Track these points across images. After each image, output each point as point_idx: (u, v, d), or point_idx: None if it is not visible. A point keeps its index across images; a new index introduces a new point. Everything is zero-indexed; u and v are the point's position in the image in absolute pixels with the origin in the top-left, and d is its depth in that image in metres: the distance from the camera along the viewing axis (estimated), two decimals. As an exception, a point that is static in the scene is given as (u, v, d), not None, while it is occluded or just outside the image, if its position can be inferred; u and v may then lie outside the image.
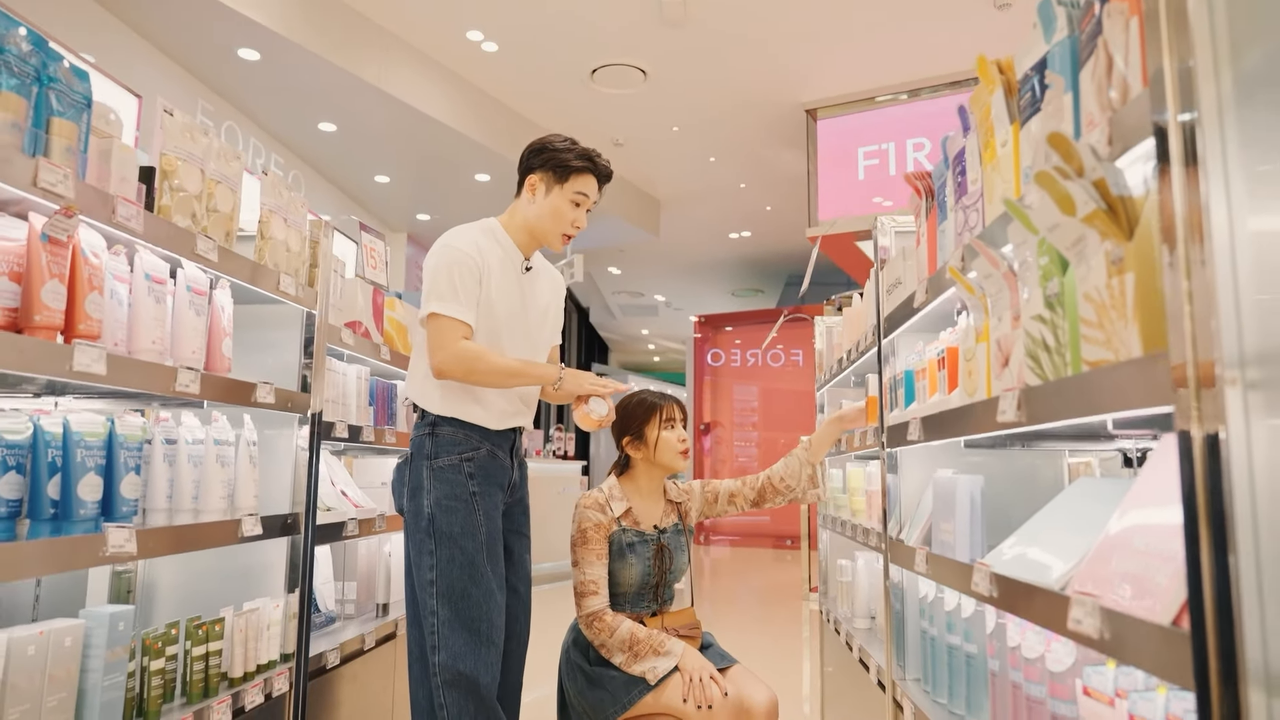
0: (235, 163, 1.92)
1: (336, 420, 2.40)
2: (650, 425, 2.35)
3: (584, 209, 2.13)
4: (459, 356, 1.95)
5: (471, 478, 2.01)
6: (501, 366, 1.98)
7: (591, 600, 2.20)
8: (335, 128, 7.24)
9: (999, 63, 1.32)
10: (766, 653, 4.97)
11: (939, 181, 1.71)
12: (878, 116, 7.82)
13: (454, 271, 1.98)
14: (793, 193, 9.61)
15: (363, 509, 2.65)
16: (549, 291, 2.25)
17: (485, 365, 1.96)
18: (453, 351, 1.95)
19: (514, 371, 2.00)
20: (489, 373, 1.97)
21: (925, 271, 1.78)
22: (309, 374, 2.25)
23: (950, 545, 1.64)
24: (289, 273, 2.15)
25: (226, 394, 1.84)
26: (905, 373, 2.02)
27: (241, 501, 1.97)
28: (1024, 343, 1.21)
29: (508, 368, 1.99)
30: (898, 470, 2.10)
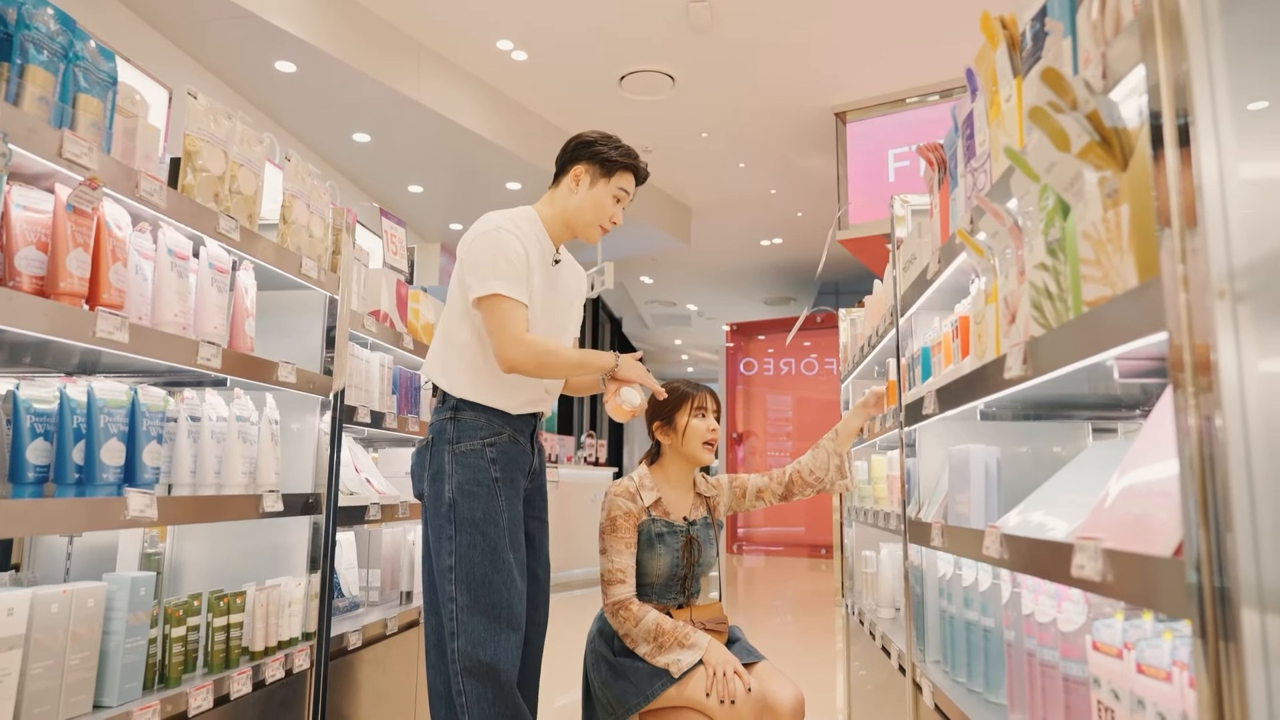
0: (258, 147, 1.97)
1: (359, 405, 2.44)
2: (681, 412, 2.33)
3: (622, 205, 2.16)
4: (532, 350, 1.94)
5: (494, 463, 2.00)
6: (570, 359, 2.00)
7: (618, 589, 2.19)
8: (369, 138, 7.39)
9: (1002, 18, 1.31)
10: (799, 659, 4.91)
11: (950, 150, 1.70)
12: (908, 118, 7.77)
13: (511, 254, 1.97)
14: (824, 198, 9.56)
15: (386, 495, 2.68)
16: (573, 284, 2.26)
17: (557, 359, 1.97)
18: (525, 344, 1.94)
19: (580, 362, 2.02)
20: (560, 365, 1.99)
21: (939, 242, 1.76)
22: (331, 358, 2.29)
23: (965, 516, 1.62)
24: (311, 257, 2.20)
25: (248, 370, 1.88)
26: (922, 350, 2.00)
27: (263, 478, 2.01)
28: (1029, 295, 1.19)
29: (575, 359, 2.00)
30: (917, 450, 2.08)
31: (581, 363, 2.01)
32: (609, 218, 2.13)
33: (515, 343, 1.92)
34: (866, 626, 2.68)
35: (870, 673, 2.60)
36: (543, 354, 1.94)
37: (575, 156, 2.15)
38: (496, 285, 1.94)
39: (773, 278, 13.65)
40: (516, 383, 2.05)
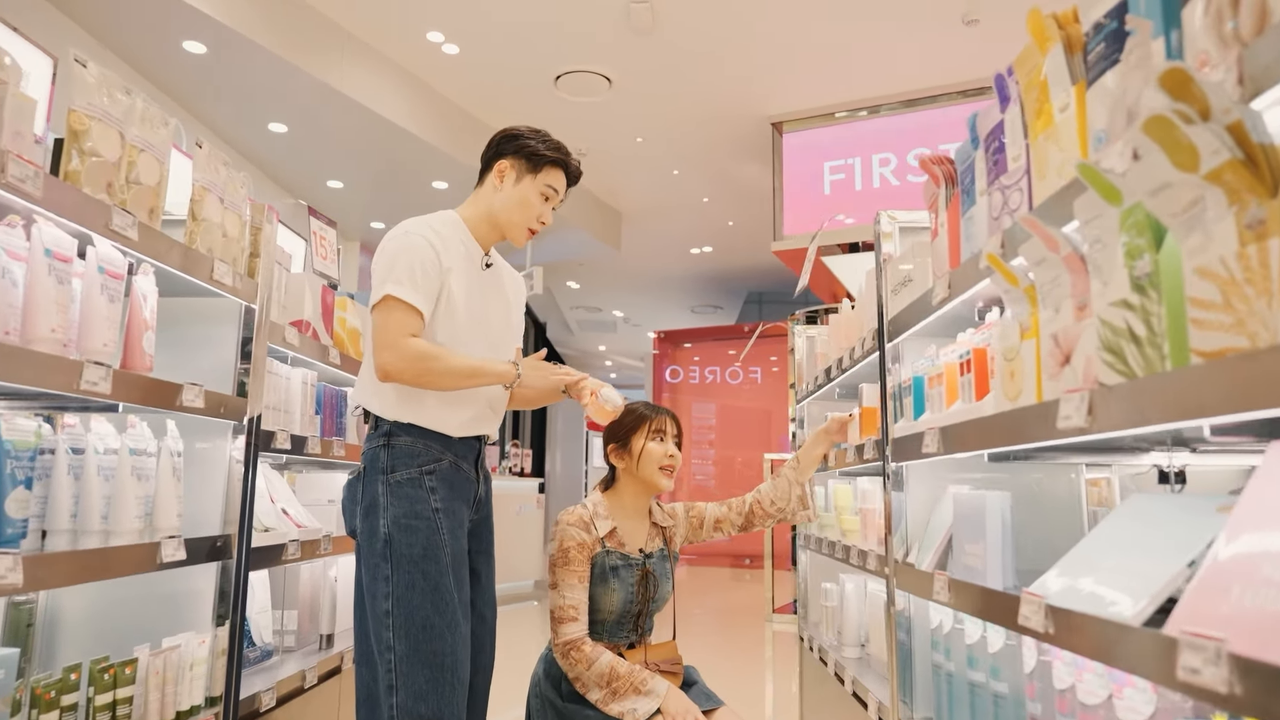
0: (163, 130, 1.67)
1: (278, 429, 2.14)
2: (638, 435, 2.16)
3: (551, 205, 1.99)
4: (409, 355, 1.74)
5: (434, 492, 1.81)
6: (458, 366, 1.78)
7: (570, 627, 2.01)
8: (286, 129, 6.93)
9: (1057, 16, 1.15)
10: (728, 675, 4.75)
11: (963, 164, 1.54)
12: (844, 131, 7.77)
13: (413, 258, 1.79)
14: (756, 208, 9.52)
15: (306, 529, 2.38)
16: (511, 290, 2.09)
17: (441, 365, 1.77)
18: (402, 350, 1.74)
19: (471, 371, 1.80)
20: (444, 374, 1.78)
21: (946, 265, 1.60)
22: (247, 376, 1.99)
23: (979, 571, 1.46)
24: (225, 260, 1.89)
25: (146, 396, 1.58)
26: (914, 380, 1.84)
27: (162, 521, 1.70)
28: (1098, 335, 1.03)
29: (464, 367, 1.79)
30: (904, 487, 1.92)
31: (476, 371, 1.81)
32: (536, 217, 1.96)
33: (390, 347, 1.74)
34: (831, 666, 2.53)
35: (836, 717, 2.44)
36: (422, 359, 1.75)
37: (500, 151, 1.97)
38: (387, 286, 1.77)
39: (701, 286, 13.58)
40: (456, 400, 1.86)
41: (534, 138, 1.96)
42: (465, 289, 1.88)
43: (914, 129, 7.40)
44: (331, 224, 2.48)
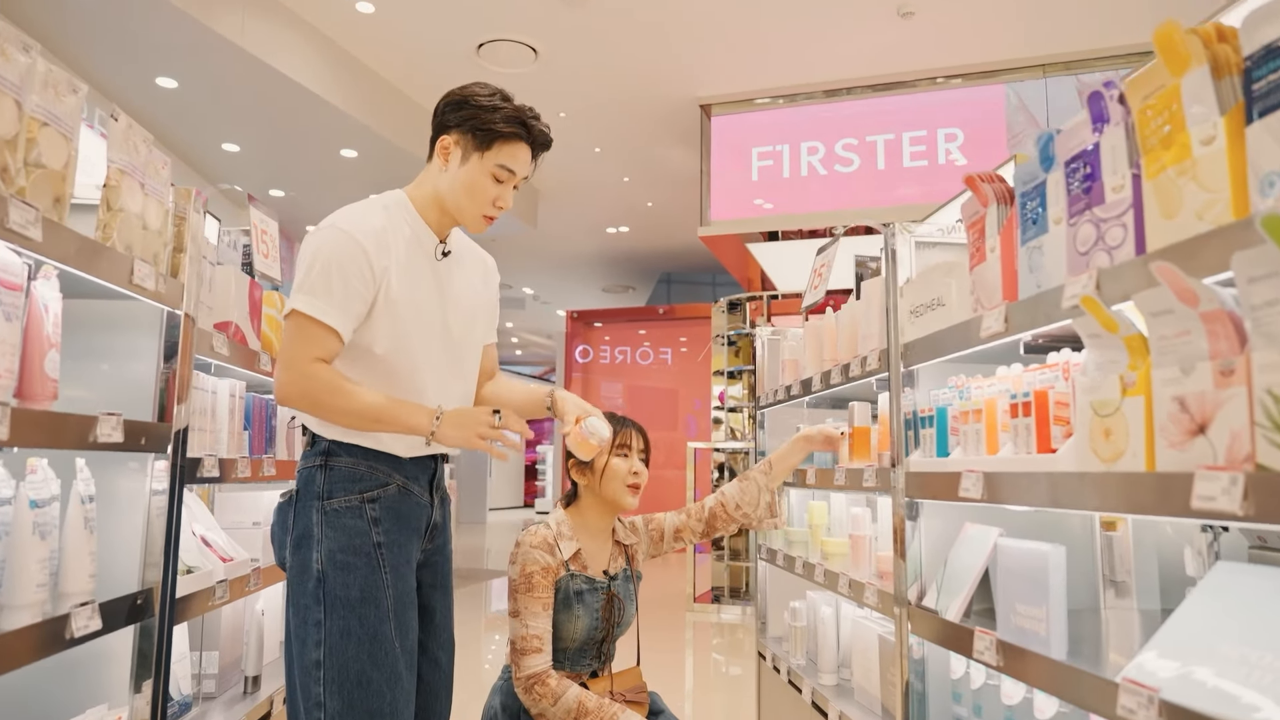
0: (71, 98, 1.33)
1: (204, 454, 1.82)
2: None
3: (510, 185, 1.67)
4: (306, 385, 1.50)
5: (376, 524, 1.57)
6: (359, 407, 1.51)
7: (533, 660, 1.87)
8: (176, 84, 6.27)
9: (1206, 31, 0.99)
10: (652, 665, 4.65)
11: (1025, 185, 1.39)
12: (773, 117, 7.67)
13: (334, 263, 1.52)
14: (677, 190, 9.36)
15: (233, 563, 2.06)
16: (477, 279, 1.83)
17: (337, 402, 1.50)
18: (299, 373, 1.50)
19: (376, 415, 1.53)
20: (340, 412, 1.52)
21: (998, 295, 1.46)
22: (172, 395, 1.67)
23: (1038, 637, 1.33)
24: (146, 259, 1.56)
25: (53, 436, 1.26)
26: (938, 411, 1.70)
27: (71, 585, 1.38)
28: (1265, 411, 0.89)
29: (367, 409, 1.52)
30: (919, 523, 1.79)
31: (379, 416, 1.53)
32: (491, 201, 1.66)
33: (288, 367, 1.51)
34: (808, 695, 2.41)
35: (817, 751, 2.33)
36: (318, 389, 1.50)
37: (444, 123, 1.66)
38: (296, 299, 1.53)
39: (615, 266, 13.38)
40: None
41: (485, 106, 1.62)
42: (411, 287, 1.62)
43: (844, 118, 7.37)
44: (273, 216, 2.12)
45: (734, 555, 7.29)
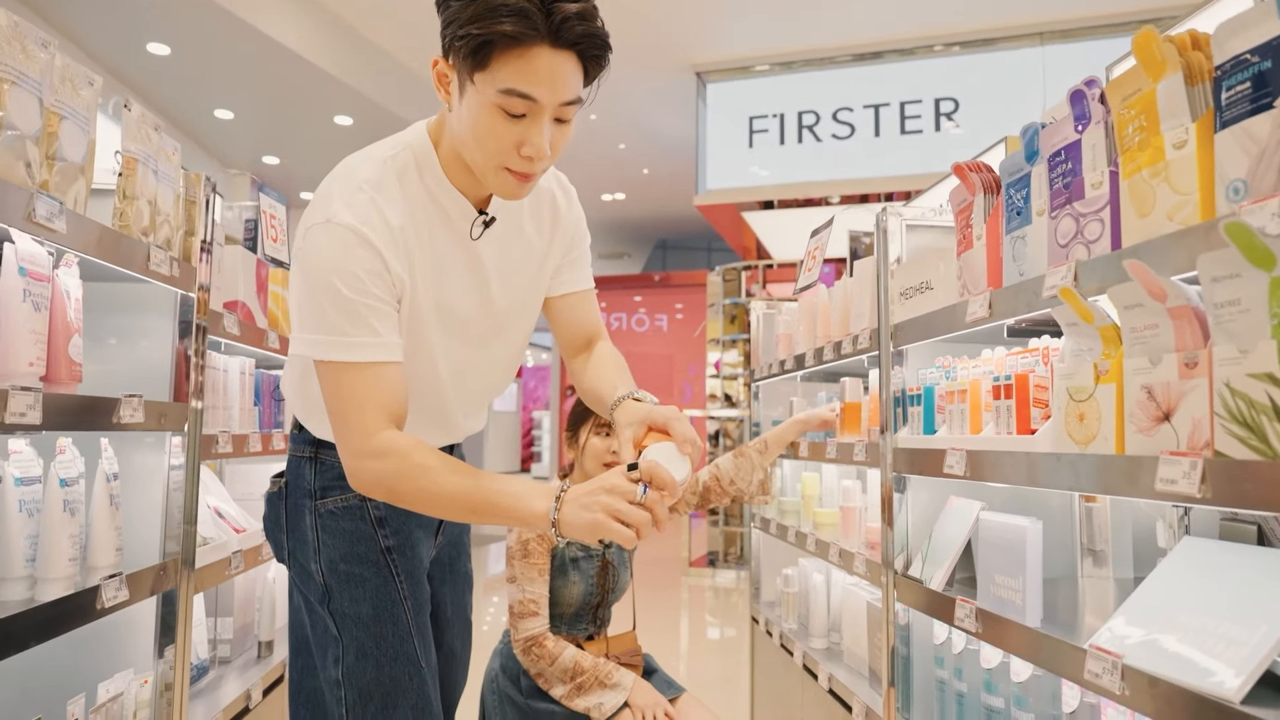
0: (87, 91, 1.37)
1: (218, 431, 1.88)
2: (584, 426, 2.11)
3: (539, 121, 1.12)
4: (380, 470, 1.16)
5: (381, 524, 1.35)
6: (449, 493, 1.15)
7: (531, 623, 1.95)
8: (168, 50, 6.22)
9: (1176, 39, 1.04)
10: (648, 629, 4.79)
11: (1011, 176, 1.45)
12: (770, 84, 7.64)
13: (342, 285, 1.15)
14: (673, 157, 9.34)
15: (245, 533, 2.14)
16: (530, 227, 1.37)
17: (422, 491, 1.16)
18: (371, 454, 1.15)
19: (472, 505, 1.16)
20: (428, 503, 1.19)
21: (983, 282, 1.52)
22: (186, 375, 1.72)
23: (1014, 606, 1.41)
24: (160, 244, 1.61)
25: (79, 419, 1.32)
26: (924, 390, 1.77)
27: (99, 558, 1.45)
28: (1223, 402, 0.96)
29: (462, 497, 1.16)
30: (905, 493, 1.86)
31: (478, 507, 1.16)
32: (512, 148, 1.13)
33: (346, 449, 1.17)
34: (799, 657, 2.51)
35: (809, 713, 2.44)
36: (396, 476, 1.16)
37: (442, 39, 1.16)
38: (319, 349, 1.16)
39: (610, 233, 13.37)
40: None
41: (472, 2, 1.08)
42: (440, 276, 1.27)
43: (841, 86, 7.35)
44: (282, 200, 2.16)
45: (729, 520, 7.42)
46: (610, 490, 1.10)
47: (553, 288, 1.47)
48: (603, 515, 1.09)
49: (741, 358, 7.95)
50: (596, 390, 1.39)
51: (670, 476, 1.13)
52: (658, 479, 1.11)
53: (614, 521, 1.08)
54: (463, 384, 1.38)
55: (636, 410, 1.24)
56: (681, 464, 1.17)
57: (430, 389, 1.34)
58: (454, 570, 1.58)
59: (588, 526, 1.09)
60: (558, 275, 1.45)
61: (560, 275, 1.45)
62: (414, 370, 1.28)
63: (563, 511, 1.11)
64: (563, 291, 1.46)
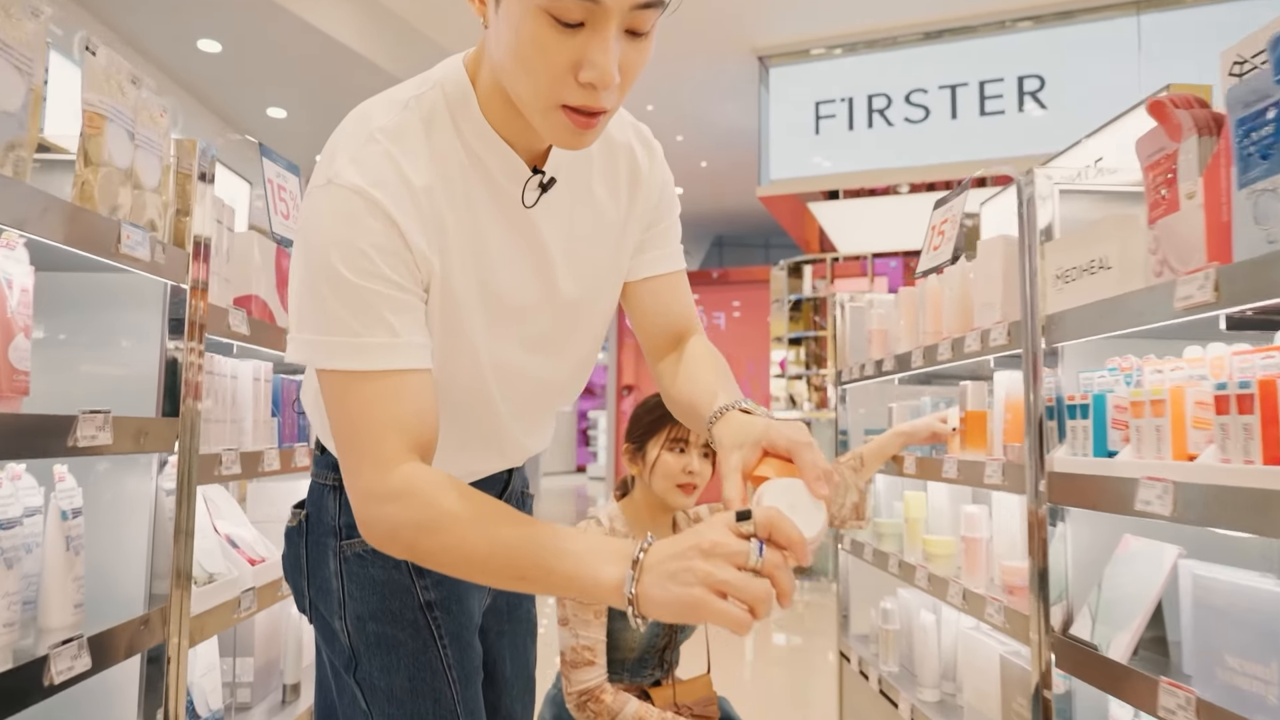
0: (31, 22, 1.07)
1: (222, 450, 1.59)
2: (654, 440, 1.81)
3: (603, 33, 0.81)
4: (398, 519, 0.88)
5: (420, 574, 1.10)
6: (489, 552, 0.86)
7: (586, 673, 1.71)
8: (220, 47, 6.09)
9: None
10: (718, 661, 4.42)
11: (1250, 108, 1.05)
12: (836, 67, 7.20)
13: (348, 268, 0.87)
14: (732, 148, 8.94)
15: (263, 564, 1.85)
16: (611, 207, 1.08)
17: (451, 550, 0.87)
18: (386, 495, 0.88)
19: (518, 570, 0.86)
20: (458, 565, 0.89)
21: (1198, 254, 1.12)
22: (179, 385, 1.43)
23: (1269, 705, 1.02)
24: (139, 223, 1.31)
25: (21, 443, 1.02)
26: (1094, 399, 1.38)
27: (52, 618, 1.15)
28: None
29: (504, 558, 0.86)
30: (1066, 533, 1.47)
31: (525, 572, 0.85)
32: (568, 70, 0.83)
33: (372, 496, 0.88)
34: (905, 711, 2.12)
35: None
36: (422, 526, 0.87)
37: None
38: (319, 346, 0.89)
39: (668, 229, 13.02)
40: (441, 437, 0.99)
41: None
42: (479, 269, 0.99)
43: (912, 66, 6.87)
44: (293, 169, 1.86)
45: (796, 530, 7.00)
46: (711, 552, 0.76)
47: (633, 270, 1.15)
48: (701, 591, 0.75)
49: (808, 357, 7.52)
50: (690, 399, 1.07)
51: (797, 532, 0.78)
52: (780, 534, 0.77)
53: (717, 598, 0.75)
54: (519, 396, 1.10)
55: (747, 428, 0.91)
56: (814, 512, 0.83)
57: (475, 402, 1.06)
58: (514, 618, 1.30)
59: (679, 604, 0.77)
60: (640, 254, 1.14)
61: (643, 254, 1.14)
62: (452, 379, 1.02)
63: (643, 582, 0.79)
64: (646, 275, 1.15)
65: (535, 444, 1.24)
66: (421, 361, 0.91)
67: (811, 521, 0.82)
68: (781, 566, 0.76)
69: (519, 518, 0.87)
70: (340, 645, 1.09)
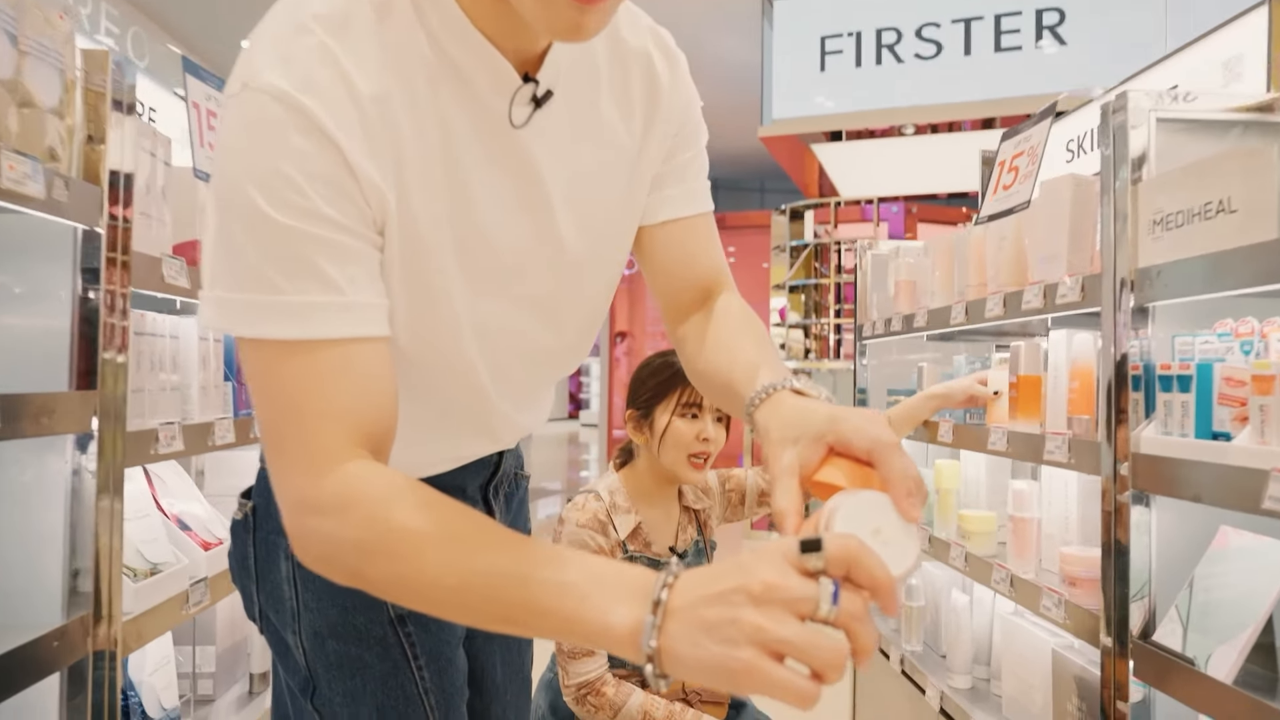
0: None
1: (159, 424, 1.35)
2: (663, 405, 1.64)
3: None
4: (336, 536, 0.66)
5: None
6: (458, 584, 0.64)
7: (585, 664, 1.58)
8: None
9: None
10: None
11: None
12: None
13: (269, 202, 0.65)
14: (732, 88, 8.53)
15: (221, 547, 1.63)
16: (623, 130, 0.86)
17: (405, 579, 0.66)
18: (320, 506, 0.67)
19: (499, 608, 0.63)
20: (416, 597, 0.68)
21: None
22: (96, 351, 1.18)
23: None
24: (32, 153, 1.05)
25: None
26: (1198, 370, 1.15)
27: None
28: None
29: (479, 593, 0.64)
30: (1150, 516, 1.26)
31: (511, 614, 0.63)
32: None
33: (305, 506, 0.67)
34: (935, 700, 1.95)
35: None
36: (365, 548, 0.66)
37: None
38: (234, 307, 0.67)
39: (662, 172, 12.64)
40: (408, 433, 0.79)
41: None
42: (454, 207, 0.76)
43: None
44: (221, 86, 1.58)
45: (794, 482, 6.85)
46: (764, 598, 0.54)
47: (649, 212, 0.93)
48: (751, 653, 0.54)
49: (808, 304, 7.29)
50: (724, 373, 0.84)
51: (884, 569, 0.56)
52: (862, 572, 0.56)
53: (772, 663, 0.54)
54: (509, 368, 0.90)
55: (805, 416, 0.70)
56: (904, 540, 0.61)
57: (454, 377, 0.86)
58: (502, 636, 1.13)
59: (719, 669, 0.55)
60: (657, 191, 0.92)
61: (661, 191, 0.92)
62: (423, 349, 0.82)
63: (669, 633, 0.56)
64: (665, 217, 0.92)
65: (530, 421, 1.04)
66: (373, 327, 0.71)
67: (902, 554, 0.60)
68: (862, 618, 0.55)
69: (500, 538, 0.66)
70: (295, 664, 0.92)
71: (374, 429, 0.71)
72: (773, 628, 0.53)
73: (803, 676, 0.54)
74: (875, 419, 0.68)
